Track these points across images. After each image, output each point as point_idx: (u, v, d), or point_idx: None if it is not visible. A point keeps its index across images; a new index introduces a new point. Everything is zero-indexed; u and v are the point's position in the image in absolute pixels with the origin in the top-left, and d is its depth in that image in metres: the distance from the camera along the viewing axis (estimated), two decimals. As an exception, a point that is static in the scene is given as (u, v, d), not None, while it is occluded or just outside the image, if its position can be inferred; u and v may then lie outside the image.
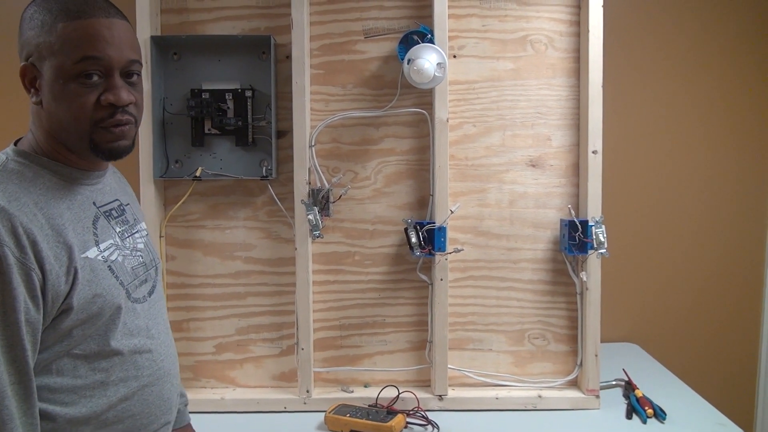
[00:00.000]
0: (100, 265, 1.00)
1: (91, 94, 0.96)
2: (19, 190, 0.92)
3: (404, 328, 1.79)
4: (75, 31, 0.94)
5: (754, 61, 2.18)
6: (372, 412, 1.61)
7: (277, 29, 1.72)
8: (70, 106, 0.95)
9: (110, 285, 1.00)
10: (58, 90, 0.95)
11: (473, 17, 1.74)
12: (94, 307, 0.97)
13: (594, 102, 1.69)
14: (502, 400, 1.73)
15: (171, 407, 1.13)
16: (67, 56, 0.94)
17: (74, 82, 0.95)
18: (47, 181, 0.97)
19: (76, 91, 0.95)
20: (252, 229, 1.76)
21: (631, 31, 2.16)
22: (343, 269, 1.78)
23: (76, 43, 0.94)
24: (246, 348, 1.78)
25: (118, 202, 1.12)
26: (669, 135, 2.20)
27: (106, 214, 1.07)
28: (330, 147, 1.75)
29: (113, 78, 0.97)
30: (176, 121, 1.72)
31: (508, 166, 1.76)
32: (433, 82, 1.62)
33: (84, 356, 0.98)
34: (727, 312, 2.26)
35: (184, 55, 1.72)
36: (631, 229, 2.21)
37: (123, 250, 1.07)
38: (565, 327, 1.78)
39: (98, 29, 0.96)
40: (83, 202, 1.02)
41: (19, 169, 0.96)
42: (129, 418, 1.04)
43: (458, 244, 1.75)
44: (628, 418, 1.66)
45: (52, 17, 0.95)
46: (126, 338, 1.03)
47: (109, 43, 0.96)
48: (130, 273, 1.07)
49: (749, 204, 2.23)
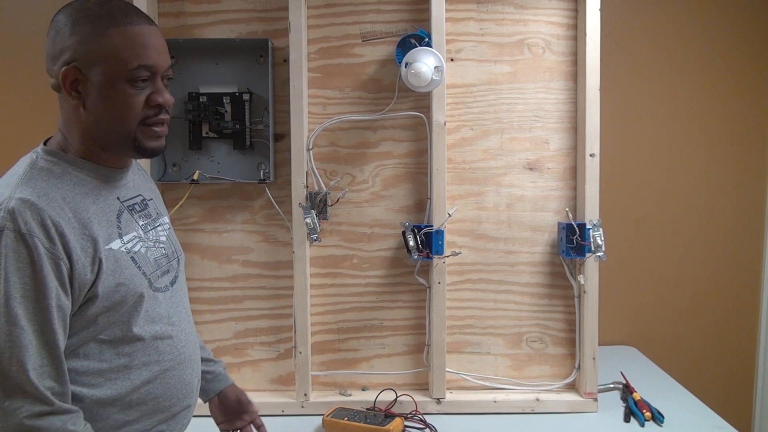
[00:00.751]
0: (124, 256, 1.05)
1: (140, 96, 1.03)
2: (48, 186, 0.99)
3: (402, 332, 1.78)
4: (127, 38, 1.00)
5: (751, 65, 2.19)
6: (370, 416, 1.61)
7: (274, 33, 1.73)
8: (120, 107, 1.02)
9: (133, 275, 1.05)
10: (109, 92, 1.01)
11: (470, 21, 1.74)
12: (117, 296, 1.02)
13: (591, 105, 1.69)
14: (500, 403, 1.73)
15: (192, 391, 1.19)
16: (123, 62, 1.00)
17: (127, 85, 1.01)
18: (74, 178, 1.03)
19: (129, 93, 1.01)
20: (250, 232, 1.76)
21: (628, 34, 2.16)
22: (340, 272, 1.78)
23: (131, 50, 1.00)
24: (244, 351, 1.78)
25: (141, 197, 1.17)
26: (666, 138, 2.21)
27: (130, 208, 1.12)
28: (328, 150, 1.75)
29: (157, 81, 1.05)
30: (174, 124, 1.71)
31: (505, 169, 1.76)
32: (431, 85, 1.62)
33: (109, 341, 1.04)
34: (724, 315, 2.26)
35: (181, 59, 1.72)
36: (629, 232, 2.21)
37: (146, 242, 1.12)
38: (563, 330, 1.78)
39: (148, 37, 1.02)
40: (108, 197, 1.07)
41: (48, 167, 1.02)
42: (152, 401, 1.09)
43: (456, 248, 1.75)
44: (626, 421, 1.66)
45: (101, 24, 1.00)
46: (148, 325, 1.08)
47: (157, 51, 1.03)
48: (153, 264, 1.12)
49: (747, 208, 2.24)
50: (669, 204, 2.22)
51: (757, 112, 2.21)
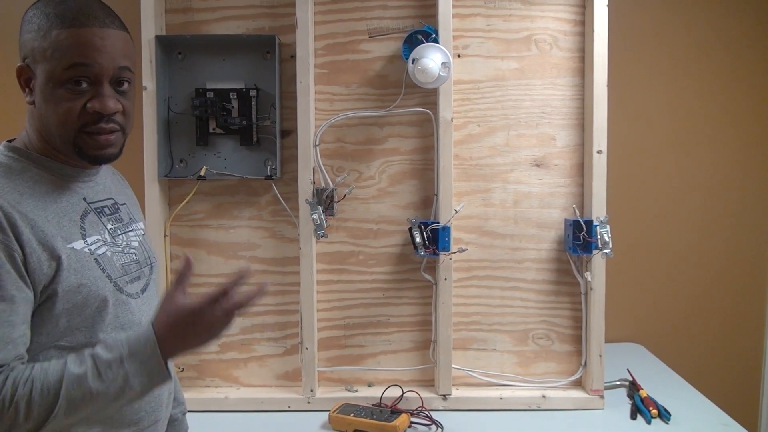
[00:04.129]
0: (86, 257, 1.01)
1: (78, 101, 0.98)
2: (4, 180, 0.97)
3: (408, 328, 1.79)
4: (67, 39, 0.97)
5: (759, 61, 2.17)
6: (376, 412, 1.61)
7: (281, 29, 1.72)
8: (57, 110, 0.98)
9: (96, 276, 1.01)
10: (48, 93, 0.98)
11: (478, 17, 1.74)
12: (79, 297, 0.98)
13: (599, 102, 1.68)
14: (506, 400, 1.73)
15: (161, 404, 1.12)
16: (58, 62, 0.97)
17: (63, 87, 0.97)
18: (35, 175, 1.00)
19: (64, 96, 0.98)
20: (256, 228, 1.77)
21: (636, 30, 2.15)
22: (347, 269, 1.78)
23: (66, 50, 0.97)
24: (250, 347, 1.79)
25: (113, 201, 1.13)
26: (674, 135, 2.20)
27: (98, 210, 1.08)
28: (334, 146, 1.75)
29: (102, 86, 0.99)
30: (181, 120, 1.72)
31: (512, 165, 1.76)
32: (438, 81, 1.62)
33: (71, 348, 0.98)
34: (731, 312, 2.25)
35: (188, 55, 1.72)
36: (636, 229, 2.21)
37: (113, 246, 1.07)
38: (570, 327, 1.78)
39: (90, 38, 0.98)
40: (72, 197, 1.04)
41: (8, 162, 1.00)
42: (117, 414, 1.03)
43: (462, 244, 1.75)
44: (633, 418, 1.66)
45: (48, 23, 0.98)
46: (116, 332, 1.03)
47: (99, 51, 0.98)
48: (119, 269, 1.07)
49: (754, 205, 2.22)
50: (676, 201, 2.22)
51: (766, 108, 2.19)
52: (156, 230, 1.69)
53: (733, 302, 2.25)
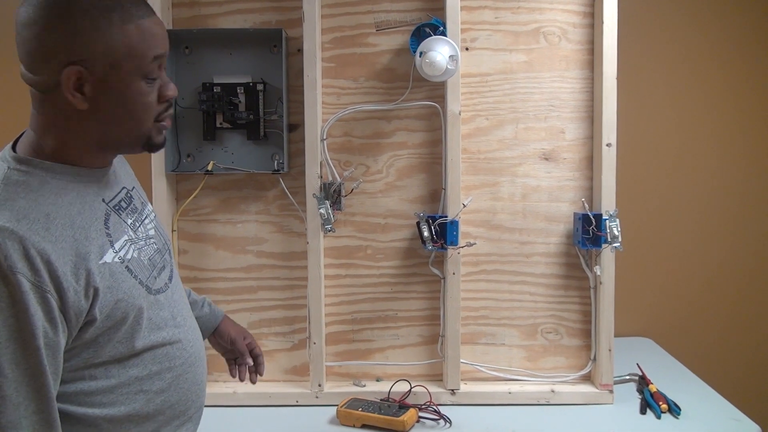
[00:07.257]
0: (118, 267, 0.98)
1: (154, 92, 0.98)
2: (27, 204, 0.89)
3: (416, 322, 1.78)
4: (144, 31, 0.94)
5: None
6: (384, 407, 1.61)
7: (288, 22, 1.72)
8: (137, 106, 0.96)
9: (130, 287, 0.99)
10: (124, 91, 0.94)
11: (486, 9, 1.72)
12: (118, 312, 0.96)
13: (608, 94, 1.67)
14: (514, 394, 1.73)
15: (203, 388, 1.15)
16: (142, 57, 0.94)
17: (144, 80, 0.95)
18: (54, 187, 0.93)
19: (145, 90, 0.96)
20: (264, 223, 1.76)
21: (646, 22, 2.13)
22: (354, 263, 1.77)
23: (149, 43, 0.94)
24: (258, 342, 1.78)
25: (125, 190, 1.09)
26: (683, 128, 2.18)
27: (116, 208, 1.04)
28: (341, 140, 1.74)
29: (163, 73, 0.99)
30: (188, 115, 1.72)
31: (521, 159, 1.75)
32: (446, 74, 1.61)
33: (114, 360, 0.98)
34: (741, 306, 2.24)
35: (195, 49, 1.71)
36: (645, 223, 2.19)
37: (137, 242, 1.05)
38: (579, 321, 1.77)
39: (158, 27, 0.97)
40: (93, 202, 0.99)
41: (24, 179, 0.92)
42: (168, 409, 1.05)
43: (471, 238, 1.74)
44: (642, 413, 1.65)
45: (107, 20, 0.91)
46: (153, 333, 1.03)
47: (165, 39, 0.98)
48: (147, 266, 1.05)
49: (764, 198, 2.21)
50: (686, 194, 2.20)
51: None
52: (164, 225, 1.69)
53: (743, 296, 2.24)
